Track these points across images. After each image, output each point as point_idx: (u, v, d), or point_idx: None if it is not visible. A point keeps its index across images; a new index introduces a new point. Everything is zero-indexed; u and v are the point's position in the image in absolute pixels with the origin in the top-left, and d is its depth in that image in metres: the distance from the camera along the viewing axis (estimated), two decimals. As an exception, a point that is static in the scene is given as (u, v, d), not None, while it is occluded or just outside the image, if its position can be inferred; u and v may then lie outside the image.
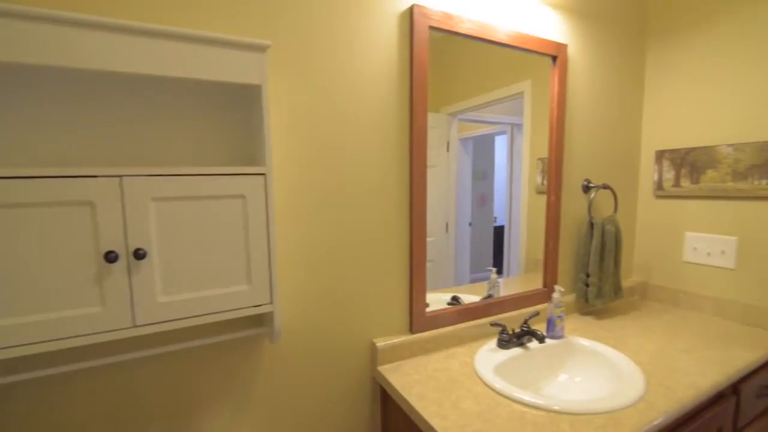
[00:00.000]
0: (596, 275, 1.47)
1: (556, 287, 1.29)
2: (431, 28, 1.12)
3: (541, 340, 1.23)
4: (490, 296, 1.39)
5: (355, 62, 1.04)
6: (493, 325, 1.22)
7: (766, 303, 1.39)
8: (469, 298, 1.34)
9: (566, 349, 1.26)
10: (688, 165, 1.57)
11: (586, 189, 1.56)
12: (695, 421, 1.01)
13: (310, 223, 1.02)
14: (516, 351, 1.19)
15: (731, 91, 1.45)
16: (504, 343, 1.21)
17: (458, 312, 1.27)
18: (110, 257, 0.68)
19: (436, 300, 1.27)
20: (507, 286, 1.43)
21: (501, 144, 1.38)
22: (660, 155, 1.66)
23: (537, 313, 1.30)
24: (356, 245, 1.09)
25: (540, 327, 1.40)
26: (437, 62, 1.18)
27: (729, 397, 1.12)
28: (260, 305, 0.82)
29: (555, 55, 1.39)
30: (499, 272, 1.43)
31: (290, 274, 1.01)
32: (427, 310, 1.23)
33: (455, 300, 1.31)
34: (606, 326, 1.42)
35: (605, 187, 1.54)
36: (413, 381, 1.04)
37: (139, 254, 0.70)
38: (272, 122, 0.94)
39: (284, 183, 0.98)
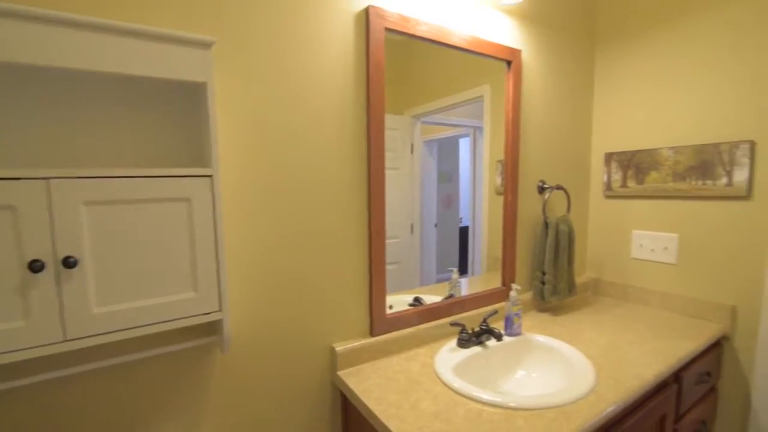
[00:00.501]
0: (551, 273, 1.52)
1: (513, 286, 1.32)
2: (387, 29, 1.12)
3: (498, 338, 1.25)
4: (451, 296, 1.40)
5: (311, 62, 1.02)
6: (452, 324, 1.23)
7: (703, 295, 1.49)
8: (431, 298, 1.34)
9: (523, 345, 1.29)
10: (633, 167, 1.66)
11: (541, 190, 1.62)
12: (641, 410, 1.06)
13: (263, 226, 0.99)
14: (475, 350, 1.21)
15: (670, 97, 1.54)
16: (464, 343, 1.22)
17: (419, 313, 1.27)
18: (35, 266, 0.62)
19: (399, 301, 1.27)
20: (469, 286, 1.45)
21: (465, 146, 1.41)
22: (609, 157, 1.75)
23: (495, 312, 1.33)
24: (312, 249, 1.07)
25: (499, 325, 1.43)
26: (400, 64, 1.19)
27: (671, 385, 1.19)
28: (209, 313, 0.78)
29: (509, 60, 1.43)
30: (464, 272, 1.45)
31: (243, 279, 0.97)
32: (389, 312, 1.23)
33: (417, 301, 1.31)
34: (561, 322, 1.47)
35: (559, 187, 1.60)
36: (373, 384, 1.03)
37: (69, 262, 0.64)
38: (222, 121, 0.91)
39: (235, 184, 0.94)
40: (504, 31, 1.43)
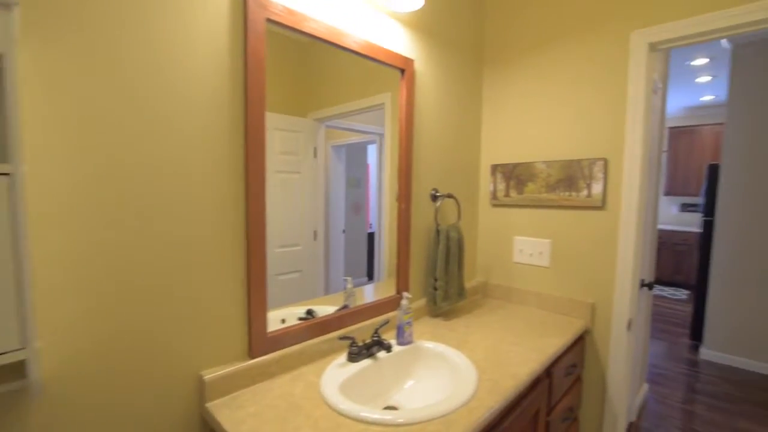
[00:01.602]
0: (443, 279, 1.56)
1: (404, 294, 1.31)
2: (270, 21, 1.03)
3: (388, 349, 1.23)
4: (345, 307, 1.34)
5: (173, 50, 0.88)
6: (342, 338, 1.17)
7: (571, 294, 1.67)
8: (326, 309, 1.27)
9: (413, 355, 1.28)
10: (515, 178, 1.80)
11: (434, 198, 1.66)
12: (517, 408, 1.12)
13: (104, 235, 0.81)
14: (366, 363, 1.16)
15: (543, 116, 1.71)
16: (354, 356, 1.17)
17: (308, 327, 1.19)
18: None
19: (290, 315, 1.17)
20: (369, 294, 1.42)
21: (372, 153, 1.39)
22: (494, 168, 1.87)
23: (387, 321, 1.30)
24: (173, 262, 0.91)
25: (393, 334, 1.41)
26: (302, 65, 1.13)
27: (544, 380, 1.28)
28: (5, 353, 0.60)
29: (402, 68, 1.43)
30: (372, 279, 1.41)
31: (71, 304, 0.78)
32: (279, 327, 1.12)
33: (310, 313, 1.23)
34: (451, 326, 1.51)
35: (450, 196, 1.65)
36: (247, 415, 0.91)
37: None
38: (45, 108, 0.72)
39: (66, 185, 0.76)
40: (398, 39, 1.44)
